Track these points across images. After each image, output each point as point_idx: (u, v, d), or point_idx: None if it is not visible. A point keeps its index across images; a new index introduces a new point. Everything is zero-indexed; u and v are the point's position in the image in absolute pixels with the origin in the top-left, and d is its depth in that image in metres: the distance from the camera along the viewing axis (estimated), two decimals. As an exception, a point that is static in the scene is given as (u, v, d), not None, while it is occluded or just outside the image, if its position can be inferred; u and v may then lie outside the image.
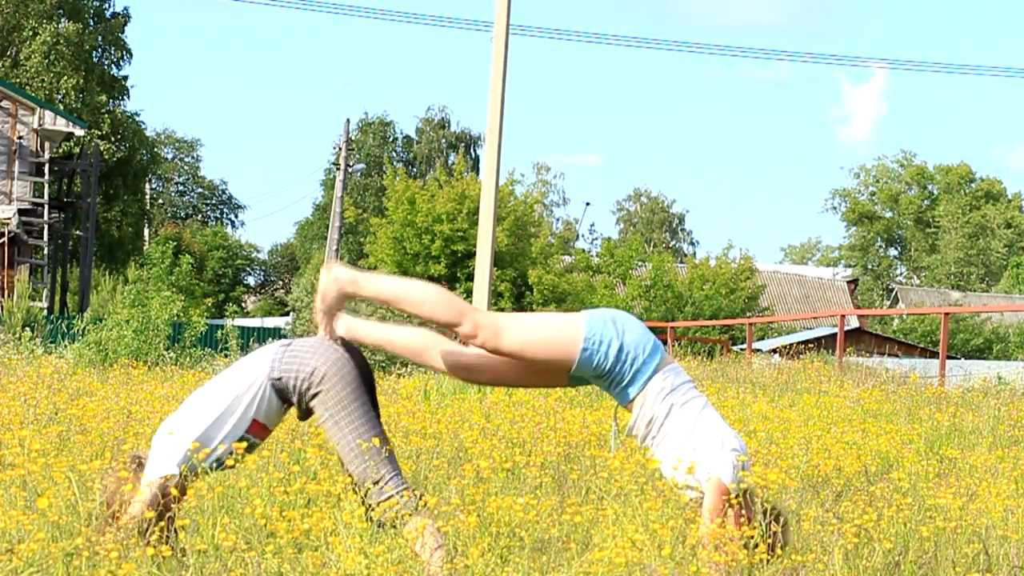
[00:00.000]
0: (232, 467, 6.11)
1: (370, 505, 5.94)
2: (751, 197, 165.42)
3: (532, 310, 43.44)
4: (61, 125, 44.03)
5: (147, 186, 69.41)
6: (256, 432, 6.15)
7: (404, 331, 6.36)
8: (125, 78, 58.54)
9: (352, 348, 6.23)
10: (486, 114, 27.37)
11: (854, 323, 48.39)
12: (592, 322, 6.20)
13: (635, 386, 6.17)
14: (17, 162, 43.73)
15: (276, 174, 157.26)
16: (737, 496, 6.05)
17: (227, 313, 29.00)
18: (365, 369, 6.19)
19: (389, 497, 5.96)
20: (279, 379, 6.11)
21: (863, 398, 13.35)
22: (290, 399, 6.16)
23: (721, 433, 6.17)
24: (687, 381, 6.26)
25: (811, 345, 23.96)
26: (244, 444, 6.14)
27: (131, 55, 58.72)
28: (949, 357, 28.05)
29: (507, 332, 6.16)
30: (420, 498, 5.99)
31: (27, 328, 23.61)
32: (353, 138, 78.52)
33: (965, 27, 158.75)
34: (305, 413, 6.22)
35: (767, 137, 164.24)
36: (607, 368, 6.16)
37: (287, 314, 67.14)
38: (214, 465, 6.09)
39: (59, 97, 53.84)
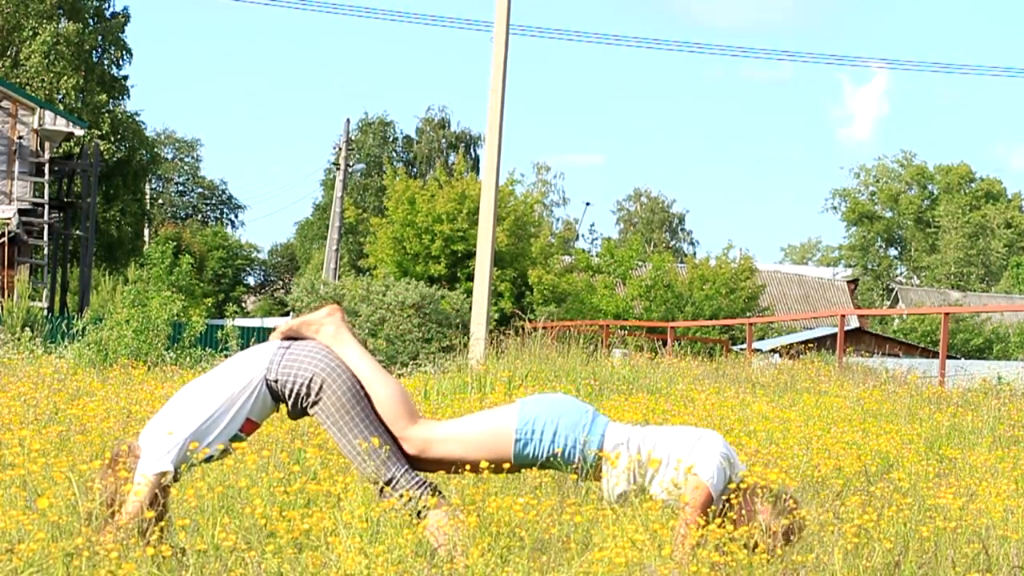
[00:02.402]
0: (220, 459, 6.11)
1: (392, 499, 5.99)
2: (751, 197, 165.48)
3: (532, 310, 43.41)
4: (61, 125, 44.01)
5: (147, 186, 69.38)
6: (247, 429, 6.17)
7: (375, 388, 6.23)
8: (125, 78, 58.52)
9: None
10: (486, 114, 27.37)
11: (854, 323, 48.37)
12: (524, 412, 6.20)
13: (588, 461, 6.17)
14: (17, 162, 43.71)
15: (276, 174, 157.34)
16: (736, 495, 6.05)
17: (227, 313, 29.05)
18: None
19: (407, 490, 6.01)
20: (276, 381, 6.13)
21: (863, 398, 13.34)
22: (284, 400, 6.18)
23: (696, 434, 6.18)
24: (631, 427, 6.28)
25: (811, 345, 23.94)
26: (243, 444, 6.15)
27: (131, 55, 58.71)
28: (949, 357, 28.04)
29: (435, 447, 6.18)
30: (435, 490, 6.04)
31: (27, 328, 23.59)
32: (353, 138, 78.50)
33: (965, 27, 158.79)
34: (298, 413, 6.23)
35: (768, 137, 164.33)
36: (544, 454, 6.17)
37: (287, 314, 67.13)
38: (199, 457, 6.08)
39: (59, 97, 53.83)
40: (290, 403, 6.17)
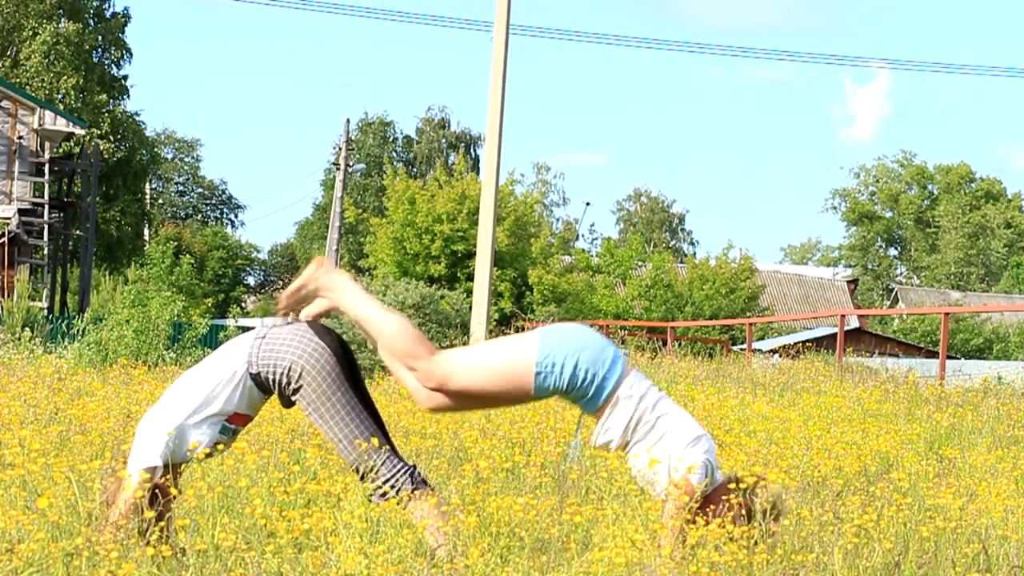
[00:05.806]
0: (210, 456, 6.10)
1: (370, 486, 6.00)
2: (751, 197, 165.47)
3: (532, 310, 43.45)
4: (61, 125, 44.00)
5: (147, 186, 69.36)
6: (238, 422, 6.16)
7: (384, 324, 6.24)
8: (125, 78, 58.53)
9: (327, 333, 6.21)
10: (486, 114, 27.38)
11: (854, 323, 48.38)
12: (545, 344, 6.13)
13: (599, 399, 6.14)
14: (17, 162, 43.71)
15: (276, 174, 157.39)
16: (736, 496, 6.04)
17: (230, 314, 29.06)
18: (343, 352, 6.18)
19: (385, 481, 6.01)
20: (257, 374, 6.13)
21: (863, 398, 13.34)
22: (270, 389, 6.17)
23: (692, 432, 6.16)
24: (651, 385, 6.24)
25: (811, 345, 23.92)
26: (243, 444, 6.15)
27: (131, 55, 58.71)
28: (949, 357, 28.04)
29: (456, 377, 6.11)
30: (416, 477, 6.04)
31: (27, 328, 23.58)
32: (353, 138, 78.50)
33: (967, 27, 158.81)
34: (288, 402, 6.23)
35: (769, 137, 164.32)
36: (564, 387, 6.11)
37: (287, 314, 66.97)
38: (200, 456, 6.06)
39: (59, 97, 53.82)
40: (276, 393, 6.17)
